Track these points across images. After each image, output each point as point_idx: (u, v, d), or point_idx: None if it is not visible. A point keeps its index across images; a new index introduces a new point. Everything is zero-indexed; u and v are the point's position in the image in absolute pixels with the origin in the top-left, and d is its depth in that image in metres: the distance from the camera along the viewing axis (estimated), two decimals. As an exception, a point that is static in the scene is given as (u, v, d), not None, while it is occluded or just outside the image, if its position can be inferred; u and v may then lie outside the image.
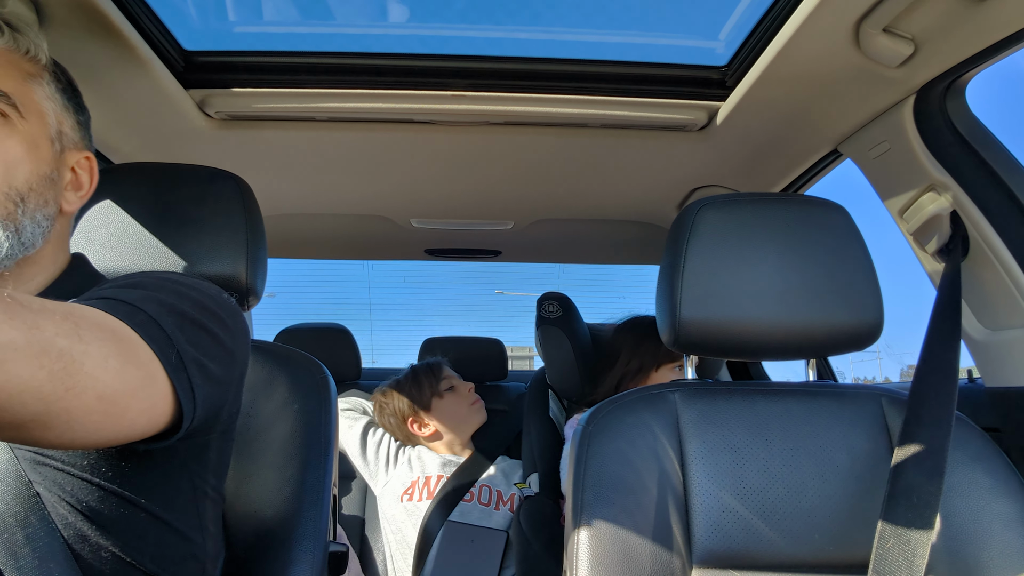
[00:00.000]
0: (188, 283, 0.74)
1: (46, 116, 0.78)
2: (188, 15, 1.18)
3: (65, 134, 0.81)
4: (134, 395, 0.57)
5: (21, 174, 0.73)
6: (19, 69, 0.76)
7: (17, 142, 0.73)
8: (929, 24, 1.00)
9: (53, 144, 0.79)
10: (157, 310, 0.64)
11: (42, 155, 0.76)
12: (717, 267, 1.03)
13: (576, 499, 0.95)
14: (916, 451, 0.92)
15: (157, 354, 0.60)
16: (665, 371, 1.78)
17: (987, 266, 1.15)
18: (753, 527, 0.96)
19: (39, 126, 0.77)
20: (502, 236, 2.26)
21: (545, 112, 1.35)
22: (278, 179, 1.72)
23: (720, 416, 1.03)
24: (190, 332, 0.67)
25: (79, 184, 0.84)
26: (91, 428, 0.54)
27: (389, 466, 1.96)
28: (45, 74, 0.80)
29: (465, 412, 2.02)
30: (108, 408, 0.54)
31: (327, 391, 1.04)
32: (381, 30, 1.28)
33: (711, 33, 1.25)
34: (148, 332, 0.61)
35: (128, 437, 0.59)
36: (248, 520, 0.94)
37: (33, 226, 0.74)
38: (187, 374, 0.64)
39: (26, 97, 0.76)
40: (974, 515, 0.94)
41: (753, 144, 1.50)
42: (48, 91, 0.79)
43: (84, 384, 0.51)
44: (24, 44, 0.78)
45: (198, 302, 0.71)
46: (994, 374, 1.19)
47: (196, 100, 1.32)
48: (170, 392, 0.62)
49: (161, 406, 0.61)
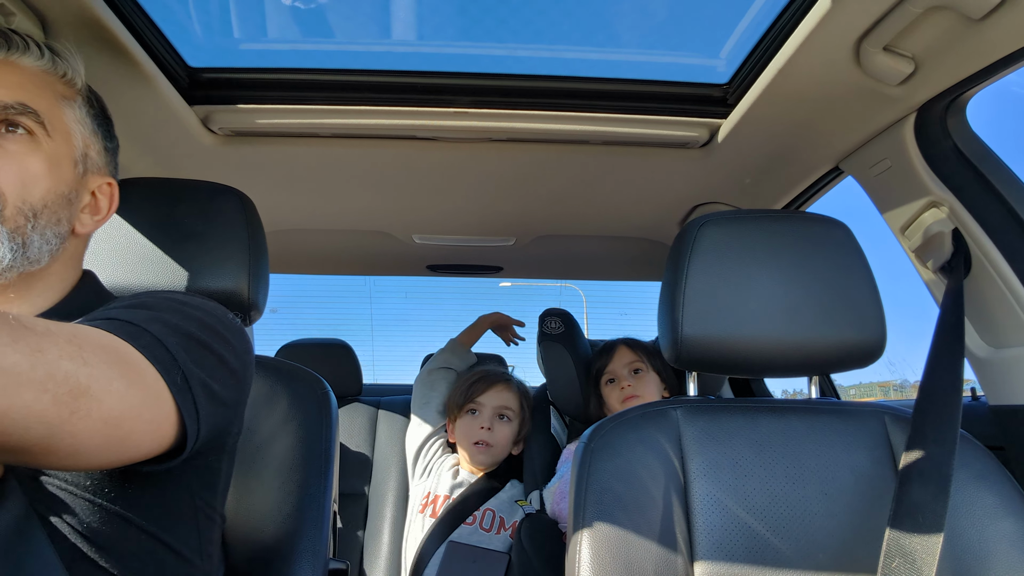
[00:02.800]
0: (194, 303, 0.74)
1: (73, 138, 0.80)
2: (193, 32, 1.20)
3: (90, 158, 0.83)
4: (138, 417, 0.57)
5: (38, 190, 0.74)
6: (53, 90, 0.79)
7: (39, 159, 0.75)
8: (929, 43, 1.01)
9: (76, 166, 0.80)
10: (162, 331, 0.64)
11: (63, 175, 0.78)
12: (719, 284, 1.03)
13: (578, 516, 0.94)
14: (921, 469, 0.91)
15: (162, 375, 0.60)
16: (604, 387, 1.84)
17: (989, 283, 1.15)
18: (756, 545, 0.95)
19: (64, 146, 0.79)
20: (504, 252, 2.26)
21: (547, 129, 1.35)
22: (281, 195, 1.73)
23: (722, 433, 1.03)
24: (195, 353, 0.67)
25: (97, 208, 0.85)
26: (95, 451, 0.54)
27: (421, 476, 1.95)
28: (79, 98, 0.83)
29: (467, 444, 1.89)
30: (112, 431, 0.54)
31: (328, 407, 1.04)
32: (384, 47, 1.29)
33: (712, 51, 1.26)
34: (153, 353, 0.61)
35: (132, 459, 0.59)
36: (248, 536, 0.93)
37: (41, 242, 0.75)
38: (192, 395, 0.64)
39: (55, 117, 0.78)
40: (979, 534, 0.93)
41: (755, 161, 1.50)
42: (79, 114, 0.82)
43: (89, 407, 0.51)
44: (62, 68, 0.81)
45: (203, 323, 0.71)
46: (998, 392, 1.19)
47: (200, 116, 1.33)
48: (174, 413, 0.62)
49: (165, 427, 0.61)
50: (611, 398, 1.79)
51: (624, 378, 1.78)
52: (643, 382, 1.77)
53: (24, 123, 0.74)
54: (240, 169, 1.55)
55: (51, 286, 0.80)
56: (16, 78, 0.76)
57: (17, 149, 0.74)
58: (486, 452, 1.86)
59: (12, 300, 0.76)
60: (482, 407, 1.90)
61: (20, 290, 0.77)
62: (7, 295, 0.76)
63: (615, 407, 1.77)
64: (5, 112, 0.73)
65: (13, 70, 0.76)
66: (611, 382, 1.81)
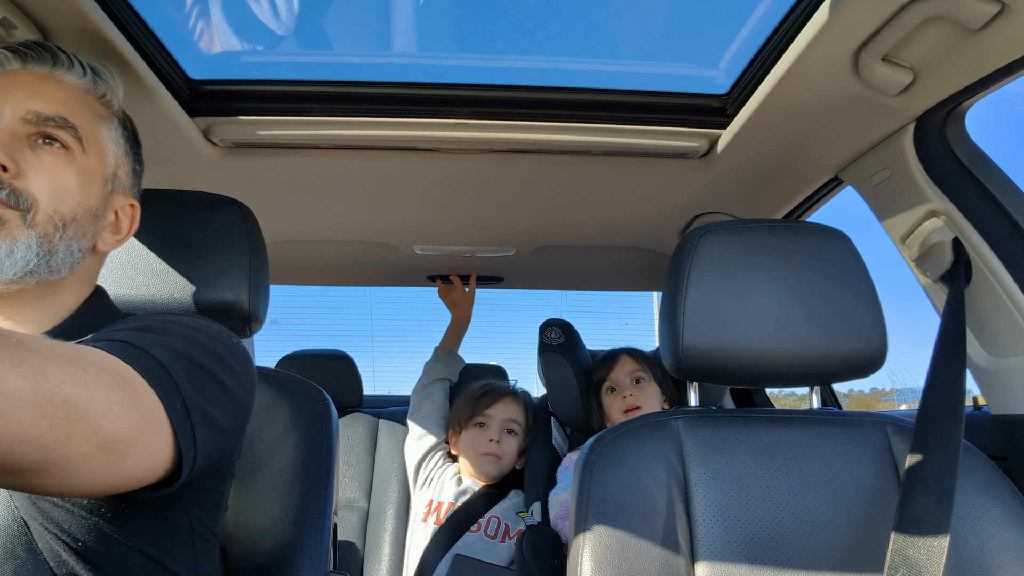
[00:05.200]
0: (199, 328, 0.74)
1: (106, 156, 0.82)
2: (194, 45, 1.20)
3: (119, 178, 0.85)
4: (135, 444, 0.56)
5: (69, 202, 0.76)
6: (92, 109, 0.82)
7: (74, 173, 0.77)
8: (927, 53, 1.01)
9: (106, 184, 0.82)
10: (166, 355, 0.64)
11: (93, 191, 0.80)
12: (719, 294, 1.03)
13: (579, 526, 0.94)
14: (924, 478, 0.91)
15: (162, 400, 0.60)
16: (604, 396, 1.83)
17: (990, 293, 1.15)
18: (758, 556, 0.95)
19: (98, 163, 0.81)
20: (504, 263, 2.26)
21: (547, 140, 1.36)
22: (281, 206, 1.73)
23: (723, 443, 1.02)
24: (197, 379, 0.67)
25: (118, 228, 0.86)
26: (89, 476, 0.54)
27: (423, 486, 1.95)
28: (115, 119, 0.85)
29: (474, 456, 1.89)
30: (108, 456, 0.54)
31: (328, 418, 1.03)
32: (385, 59, 1.30)
33: (712, 62, 1.26)
34: (155, 378, 0.61)
35: (126, 485, 0.59)
36: (248, 547, 0.93)
37: (66, 253, 0.76)
38: (190, 422, 0.63)
39: (92, 135, 0.80)
40: (983, 545, 0.93)
41: (754, 171, 1.51)
42: (114, 135, 0.84)
43: (85, 432, 0.51)
44: (102, 88, 0.84)
45: (207, 348, 0.71)
46: (1000, 402, 1.18)
47: (201, 128, 1.33)
48: (171, 441, 0.61)
49: (161, 455, 0.61)
50: (612, 407, 1.79)
51: (626, 387, 1.77)
52: (644, 392, 1.76)
53: (62, 137, 0.76)
54: (241, 180, 1.56)
55: (65, 299, 0.80)
56: (59, 93, 0.78)
57: (53, 161, 0.75)
58: (495, 464, 1.87)
59: (27, 308, 0.77)
60: (491, 420, 1.91)
61: (36, 299, 0.77)
62: (24, 301, 0.76)
63: (616, 416, 1.76)
64: (45, 124, 0.75)
65: (57, 85, 0.78)
66: (612, 391, 1.80)
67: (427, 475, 1.95)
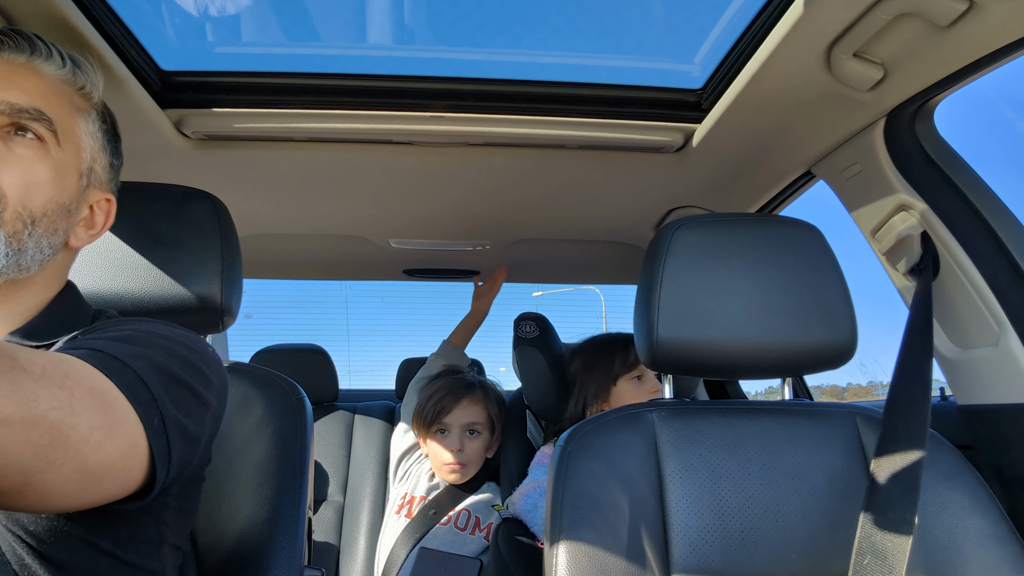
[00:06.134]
0: (177, 338, 0.73)
1: (82, 151, 0.79)
2: (165, 35, 1.18)
3: (95, 172, 0.82)
4: (112, 467, 0.56)
5: (40, 198, 0.73)
6: (70, 101, 0.79)
7: (46, 167, 0.74)
8: (898, 49, 1.03)
9: (81, 178, 0.79)
10: (146, 369, 0.64)
11: (67, 185, 0.77)
12: (694, 287, 1.04)
13: (554, 519, 0.94)
14: (891, 466, 0.93)
15: (140, 417, 0.60)
16: (624, 383, 1.74)
17: (957, 285, 1.17)
18: (731, 546, 0.96)
19: (73, 157, 0.78)
20: (480, 256, 2.26)
21: (523, 133, 1.36)
22: (255, 199, 1.71)
23: (697, 435, 1.04)
24: (175, 392, 0.66)
25: (92, 223, 0.84)
26: (64, 497, 0.53)
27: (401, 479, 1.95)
28: (93, 112, 0.82)
29: (439, 465, 1.86)
30: (85, 479, 0.54)
31: (303, 413, 1.03)
32: (360, 51, 1.29)
33: (687, 57, 1.27)
34: (135, 393, 0.60)
35: (99, 502, 0.59)
36: (222, 543, 0.92)
37: (36, 251, 0.74)
38: (166, 437, 0.63)
39: (68, 128, 0.77)
40: (949, 532, 0.95)
41: (728, 165, 1.52)
42: (91, 128, 0.81)
43: (65, 457, 0.51)
44: (81, 80, 0.80)
45: (185, 360, 0.71)
46: (965, 392, 1.21)
47: (173, 120, 1.31)
48: (147, 456, 0.61)
49: (136, 472, 0.60)
50: (634, 396, 1.70)
51: (653, 379, 1.72)
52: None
53: (36, 129, 0.73)
54: (214, 173, 1.54)
55: (34, 296, 0.78)
56: (35, 84, 0.75)
57: (25, 154, 0.72)
58: (458, 472, 1.84)
59: None
60: (450, 427, 1.86)
61: (3, 297, 0.75)
62: None
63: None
64: (19, 116, 0.72)
65: (33, 75, 0.75)
66: (639, 379, 1.73)
67: (407, 469, 1.95)
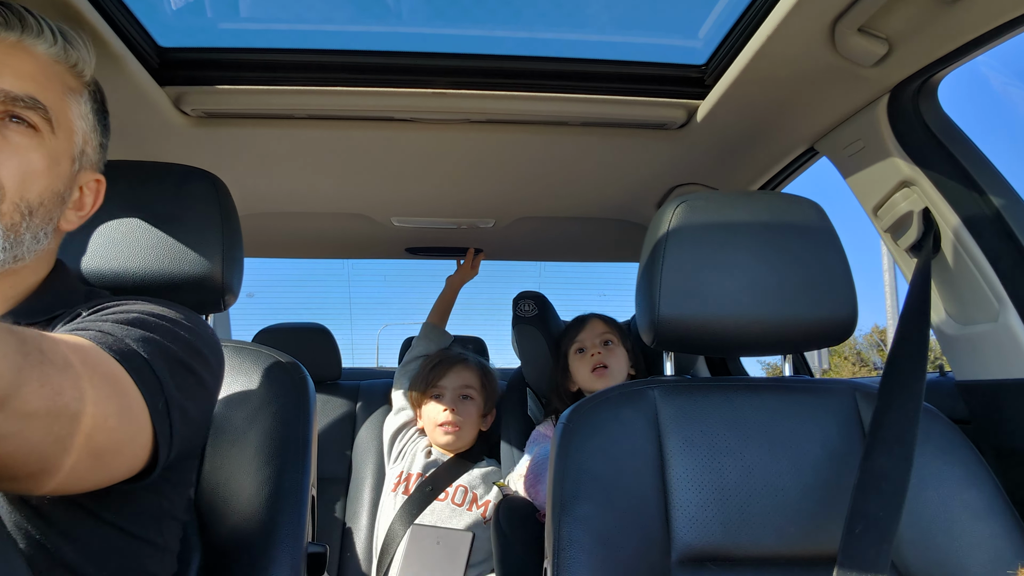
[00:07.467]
0: (179, 321, 0.73)
1: (75, 135, 0.78)
2: (163, 11, 1.17)
3: (86, 154, 0.81)
4: (120, 452, 0.58)
5: (36, 188, 0.72)
6: (62, 82, 0.76)
7: (41, 156, 0.72)
8: (903, 24, 1.02)
9: (73, 163, 0.78)
10: (152, 353, 0.64)
11: (61, 172, 0.76)
12: (695, 264, 1.04)
13: (556, 495, 0.95)
14: (885, 437, 0.94)
15: (147, 401, 0.61)
16: (572, 359, 1.82)
17: (957, 262, 1.17)
18: (731, 521, 0.97)
19: (66, 143, 0.76)
20: (483, 234, 2.26)
21: (526, 110, 1.35)
22: (256, 177, 1.70)
23: (698, 411, 1.04)
24: (179, 376, 0.67)
25: (82, 204, 0.83)
26: (76, 480, 0.55)
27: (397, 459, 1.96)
28: (85, 91, 0.80)
29: (432, 427, 1.90)
30: (95, 463, 0.55)
31: (305, 391, 1.03)
32: (362, 27, 1.28)
33: (690, 32, 1.26)
34: (142, 378, 0.61)
35: (108, 483, 0.60)
36: (227, 521, 0.93)
37: (32, 241, 0.73)
38: (169, 420, 0.64)
39: (62, 113, 0.75)
40: (944, 505, 0.96)
41: (731, 142, 1.51)
42: (83, 109, 0.79)
43: (80, 444, 0.52)
44: (73, 57, 0.77)
45: (189, 343, 0.71)
46: (964, 368, 1.21)
47: (172, 97, 1.30)
48: (151, 439, 0.62)
49: (142, 455, 0.62)
50: (580, 369, 1.79)
51: (595, 347, 1.78)
52: (613, 354, 1.77)
53: (30, 118, 0.71)
54: (214, 151, 1.53)
55: (24, 279, 0.78)
56: (28, 66, 0.72)
57: (21, 142, 0.70)
58: (452, 433, 1.87)
59: None
60: (444, 390, 1.91)
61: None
62: None
63: (583, 378, 1.77)
64: (14, 104, 0.70)
65: (26, 57, 0.72)
66: (580, 352, 1.81)
67: (401, 448, 1.97)
